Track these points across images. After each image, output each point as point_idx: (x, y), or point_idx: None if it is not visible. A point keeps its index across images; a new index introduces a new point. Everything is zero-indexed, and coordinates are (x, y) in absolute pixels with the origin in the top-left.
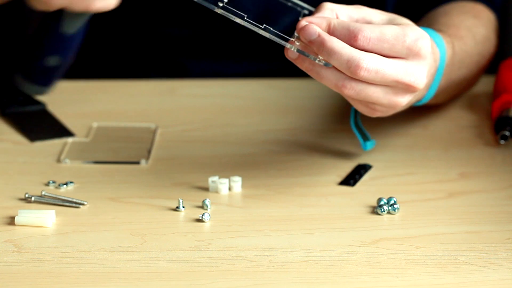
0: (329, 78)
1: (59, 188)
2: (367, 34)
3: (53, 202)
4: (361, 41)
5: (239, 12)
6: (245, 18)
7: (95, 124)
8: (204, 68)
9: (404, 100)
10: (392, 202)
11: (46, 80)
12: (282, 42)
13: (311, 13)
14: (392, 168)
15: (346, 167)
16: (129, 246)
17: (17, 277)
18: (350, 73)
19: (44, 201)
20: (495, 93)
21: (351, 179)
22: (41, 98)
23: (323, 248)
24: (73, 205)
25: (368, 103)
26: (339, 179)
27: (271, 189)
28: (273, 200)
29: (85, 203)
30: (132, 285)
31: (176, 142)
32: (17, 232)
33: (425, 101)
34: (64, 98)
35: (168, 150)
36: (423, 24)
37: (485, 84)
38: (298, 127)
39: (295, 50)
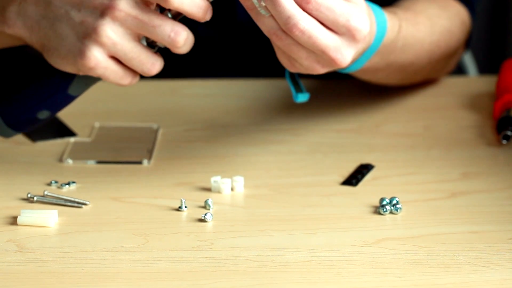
0: (265, 24)
1: (61, 188)
2: (320, 1)
3: (56, 202)
4: (311, 5)
5: None
6: None
7: (97, 124)
8: (206, 69)
9: (322, 70)
10: (394, 202)
11: (23, 128)
12: None
13: None
14: (394, 168)
15: (348, 167)
16: (132, 246)
17: (19, 277)
18: (286, 28)
19: (47, 201)
20: (497, 93)
21: (353, 179)
22: None
23: (326, 248)
24: (76, 205)
25: (290, 57)
26: (342, 179)
27: (273, 189)
28: (276, 200)
29: (87, 203)
30: (135, 285)
31: (178, 142)
32: (19, 232)
33: (348, 71)
34: None
35: (170, 150)
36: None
37: (487, 84)
38: (301, 127)
39: None
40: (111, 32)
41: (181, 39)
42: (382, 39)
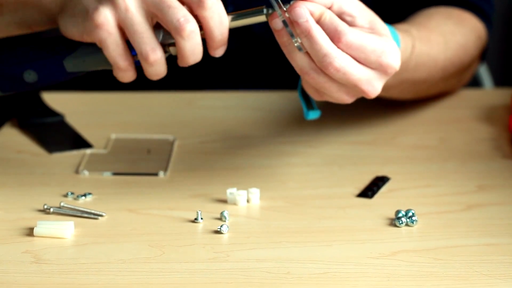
0: (297, 61)
1: (78, 200)
2: (350, 40)
3: (72, 214)
4: (342, 44)
5: None
6: None
7: (113, 136)
8: (222, 81)
9: (350, 100)
10: (410, 214)
11: (6, 86)
12: (275, 7)
13: None
14: (410, 180)
15: (364, 179)
16: (148, 257)
17: None
18: (321, 66)
19: (63, 212)
20: None
21: (369, 191)
22: (60, 109)
23: (341, 260)
24: (92, 216)
25: (320, 89)
26: (357, 191)
27: (289, 201)
28: (291, 212)
29: (103, 214)
30: None
31: (194, 153)
32: (36, 243)
33: None
34: (83, 110)
35: (186, 162)
36: (403, 21)
37: (503, 97)
38: (316, 138)
39: (281, 21)
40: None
41: (188, 28)
42: None
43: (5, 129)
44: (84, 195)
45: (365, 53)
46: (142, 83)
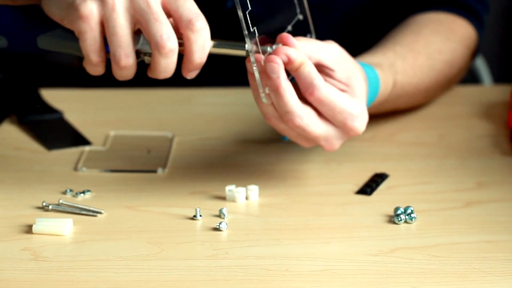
0: (263, 108)
1: (76, 197)
2: (322, 96)
3: (70, 211)
4: (314, 98)
5: (248, 2)
6: (247, 12)
7: (112, 133)
8: (221, 79)
9: (308, 146)
10: (409, 211)
11: None
12: (251, 55)
13: (305, 21)
14: (409, 177)
15: (363, 176)
16: (146, 254)
17: (34, 285)
18: (282, 118)
19: (62, 209)
20: None
21: (368, 188)
22: (59, 106)
23: (340, 257)
24: (90, 213)
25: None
26: (356, 188)
27: (288, 198)
28: (290, 209)
29: (102, 211)
30: None
31: (193, 150)
32: (34, 241)
33: None
34: (81, 107)
35: (185, 159)
36: (391, 36)
37: (502, 93)
38: None
39: (255, 69)
40: None
41: (168, 45)
42: (373, 101)
43: (3, 126)
44: (83, 192)
45: (333, 112)
46: (141, 80)
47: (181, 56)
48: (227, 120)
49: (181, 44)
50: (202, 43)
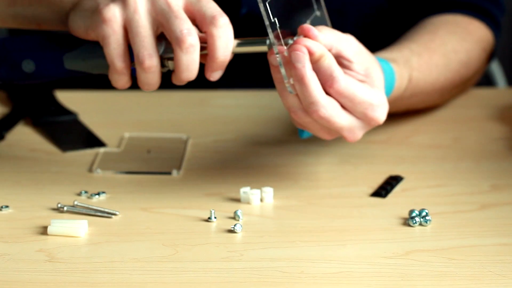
0: (288, 100)
1: (91, 198)
2: (342, 88)
3: (85, 212)
4: (333, 90)
5: None
6: (267, 2)
7: (126, 135)
8: (235, 81)
9: (331, 138)
10: (424, 213)
11: (4, 73)
12: (274, 46)
13: (322, 17)
14: (423, 179)
15: (377, 179)
16: (161, 256)
17: (49, 286)
18: (307, 110)
19: (77, 211)
20: None
21: (382, 191)
22: (73, 108)
23: (355, 259)
24: (105, 215)
25: (304, 125)
26: (371, 191)
27: (302, 200)
28: (305, 211)
29: (117, 213)
30: None
31: (208, 152)
32: (49, 242)
33: None
34: (96, 108)
35: (199, 161)
36: (407, 35)
37: None
38: None
39: (279, 60)
40: (141, 1)
41: (189, 41)
42: (389, 95)
43: (18, 127)
44: (98, 193)
45: (353, 103)
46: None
47: (202, 65)
48: (241, 122)
49: (203, 48)
50: (226, 40)
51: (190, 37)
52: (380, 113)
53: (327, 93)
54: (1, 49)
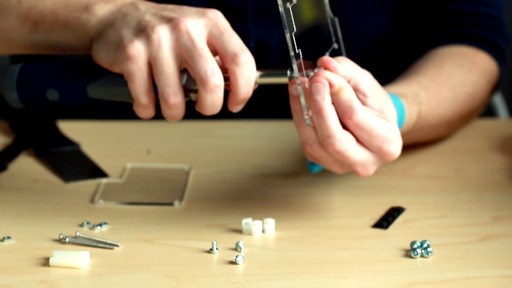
0: (304, 132)
1: (93, 229)
2: (360, 120)
3: (87, 243)
4: (352, 122)
5: (293, 23)
6: (293, 33)
7: (129, 165)
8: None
9: (342, 172)
10: (425, 245)
11: (28, 100)
12: (296, 76)
13: (339, 50)
14: (425, 211)
15: (379, 210)
16: None
17: None
18: (323, 143)
19: (78, 242)
20: None
21: (384, 222)
22: (76, 138)
23: None
24: (107, 246)
25: (317, 159)
26: (373, 222)
27: (304, 232)
28: (307, 243)
29: (119, 244)
30: None
31: (210, 183)
32: (51, 273)
33: None
34: (98, 139)
35: (201, 192)
36: (414, 68)
37: None
38: None
39: (300, 90)
40: (164, 36)
41: (213, 81)
42: (400, 128)
43: (21, 157)
44: (100, 224)
45: (370, 136)
46: (157, 112)
47: (226, 91)
48: (243, 153)
49: (226, 79)
50: (248, 76)
51: (214, 78)
52: (396, 148)
53: (345, 125)
54: (26, 77)
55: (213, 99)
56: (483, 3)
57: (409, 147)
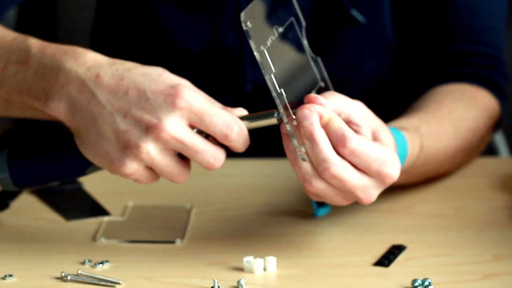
0: (301, 168)
1: (95, 267)
2: (355, 147)
3: (89, 281)
4: (347, 150)
5: (271, 64)
6: (272, 74)
7: (130, 203)
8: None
9: (344, 203)
10: (426, 283)
11: (25, 186)
12: (283, 114)
13: (326, 88)
14: (426, 249)
15: (380, 248)
16: None
17: None
18: (319, 170)
19: (80, 280)
20: None
21: (385, 260)
22: None
23: None
24: (109, 284)
25: (319, 195)
26: (374, 260)
27: (306, 270)
28: (308, 281)
29: (120, 282)
30: None
31: (211, 221)
32: None
33: None
34: (100, 177)
35: (203, 230)
36: (414, 105)
37: None
38: (333, 207)
39: (289, 129)
40: (153, 151)
41: (219, 164)
42: (403, 163)
43: (23, 196)
44: (102, 262)
45: (367, 162)
46: None
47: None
48: (245, 191)
49: None
50: (243, 141)
51: (218, 162)
52: (394, 169)
53: (341, 155)
54: (19, 178)
55: (219, 166)
56: (483, 43)
57: (410, 185)
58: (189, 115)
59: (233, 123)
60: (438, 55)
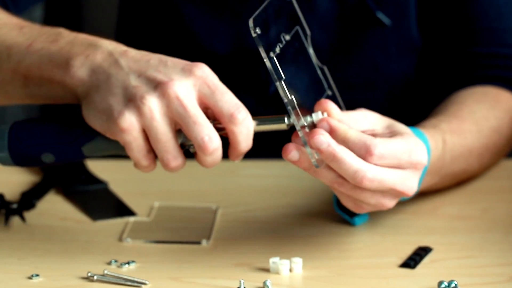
0: (324, 176)
1: (121, 267)
2: (381, 151)
3: (115, 281)
4: (376, 157)
5: (280, 71)
6: (282, 81)
7: (156, 204)
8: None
9: (391, 203)
10: (453, 285)
11: (22, 161)
12: (295, 120)
13: (333, 96)
14: (452, 251)
15: (406, 249)
16: None
17: None
18: (355, 182)
19: (106, 280)
20: None
21: (411, 261)
22: (104, 177)
23: None
24: (135, 284)
25: (356, 200)
26: (400, 261)
27: (332, 271)
28: (334, 282)
29: (146, 282)
30: None
31: (237, 222)
32: None
33: (409, 198)
34: (126, 178)
35: (229, 231)
36: (435, 110)
37: None
38: None
39: (301, 135)
40: (155, 106)
41: (211, 147)
42: (429, 160)
43: (49, 196)
44: (128, 263)
45: (397, 158)
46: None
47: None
48: (270, 192)
49: (222, 128)
50: (246, 132)
51: (212, 144)
52: (422, 153)
53: (369, 163)
54: (17, 141)
55: (212, 160)
56: (506, 44)
57: (443, 189)
58: (202, 86)
59: (242, 108)
60: (462, 57)
